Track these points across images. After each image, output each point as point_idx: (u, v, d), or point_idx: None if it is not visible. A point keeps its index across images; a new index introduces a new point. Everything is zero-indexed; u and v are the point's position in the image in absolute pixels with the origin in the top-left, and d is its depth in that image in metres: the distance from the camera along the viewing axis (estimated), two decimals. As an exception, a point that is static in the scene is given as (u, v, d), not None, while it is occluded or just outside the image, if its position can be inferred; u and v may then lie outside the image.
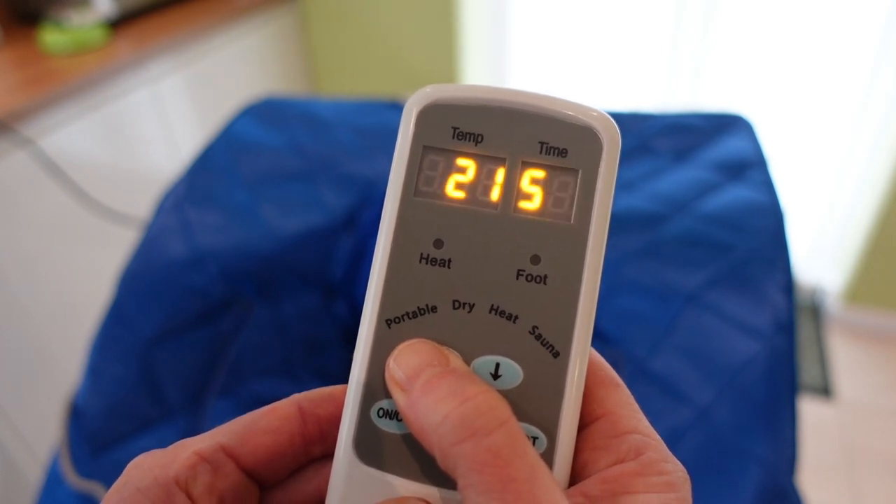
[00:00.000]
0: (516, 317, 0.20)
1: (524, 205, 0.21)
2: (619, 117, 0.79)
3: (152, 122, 1.31)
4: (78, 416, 0.61)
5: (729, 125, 0.77)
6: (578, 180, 0.21)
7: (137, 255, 0.67)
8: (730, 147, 0.74)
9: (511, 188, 0.21)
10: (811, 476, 1.33)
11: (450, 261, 0.21)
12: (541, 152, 0.21)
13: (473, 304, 0.20)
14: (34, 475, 1.12)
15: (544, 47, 1.65)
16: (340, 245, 0.69)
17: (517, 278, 0.20)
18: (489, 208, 0.21)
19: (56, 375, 1.13)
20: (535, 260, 0.20)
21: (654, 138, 0.76)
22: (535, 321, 0.20)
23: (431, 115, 0.21)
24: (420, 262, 0.21)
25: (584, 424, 0.21)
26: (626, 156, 0.75)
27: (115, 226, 1.18)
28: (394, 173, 0.21)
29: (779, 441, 0.53)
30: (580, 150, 0.21)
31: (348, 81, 1.79)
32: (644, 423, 0.20)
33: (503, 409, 0.18)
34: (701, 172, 0.71)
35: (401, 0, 1.61)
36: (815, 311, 1.74)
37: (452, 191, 0.21)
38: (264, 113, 0.80)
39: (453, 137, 0.21)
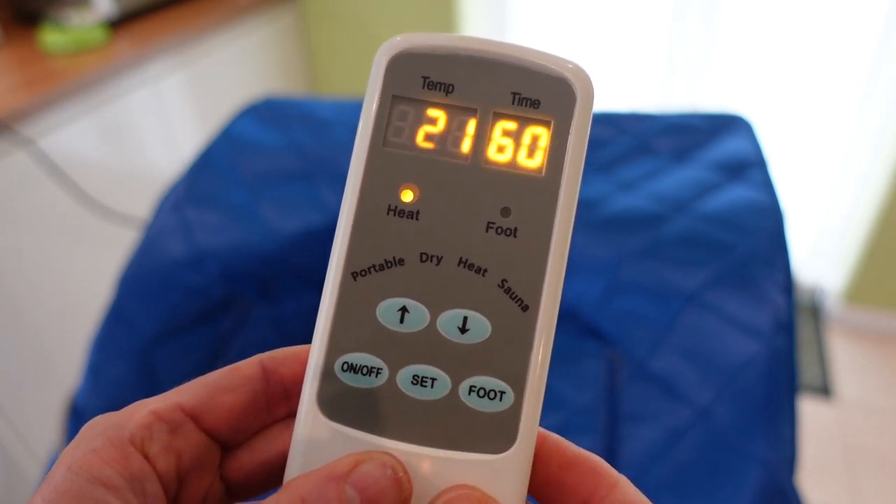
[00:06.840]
0: (485, 270, 0.20)
1: (495, 156, 0.20)
2: (619, 117, 0.79)
3: (152, 122, 1.31)
4: (78, 416, 0.61)
5: (728, 125, 0.77)
6: (551, 132, 0.20)
7: (137, 255, 0.67)
8: (729, 147, 0.74)
9: (482, 139, 0.20)
10: (811, 476, 1.33)
11: (418, 213, 0.20)
12: (513, 103, 0.20)
13: (441, 257, 0.20)
14: (34, 475, 1.12)
15: (545, 49, 1.65)
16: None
17: (487, 231, 0.20)
18: (459, 160, 0.20)
19: (56, 375, 1.13)
20: (506, 212, 0.20)
21: (654, 138, 0.76)
22: (504, 274, 0.20)
23: (401, 63, 0.21)
24: (388, 213, 0.20)
25: None
26: (626, 156, 0.75)
27: (115, 226, 1.18)
28: (362, 123, 0.20)
29: (779, 441, 0.53)
30: (553, 101, 0.20)
31: (348, 81, 1.79)
32: None
33: None
34: (701, 172, 0.71)
35: (400, 0, 1.61)
36: (815, 311, 1.74)
37: (422, 141, 0.20)
38: (264, 113, 0.80)
39: (424, 87, 0.20)
